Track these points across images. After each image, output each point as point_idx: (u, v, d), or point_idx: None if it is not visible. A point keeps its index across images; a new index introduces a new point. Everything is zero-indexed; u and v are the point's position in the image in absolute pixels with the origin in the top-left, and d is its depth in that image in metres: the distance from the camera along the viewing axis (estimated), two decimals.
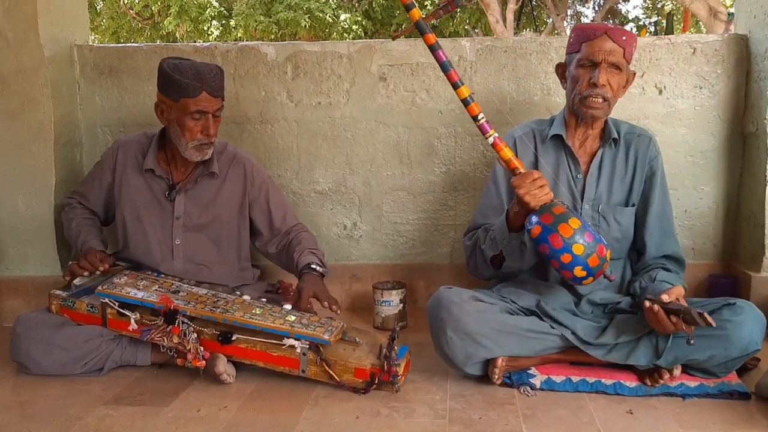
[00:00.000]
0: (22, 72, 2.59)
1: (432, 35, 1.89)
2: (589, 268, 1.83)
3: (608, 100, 2.03)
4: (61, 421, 1.82)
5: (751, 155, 2.61)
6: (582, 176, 2.13)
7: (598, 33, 2.01)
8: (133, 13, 15.23)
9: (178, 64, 2.16)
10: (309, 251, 2.32)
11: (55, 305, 2.17)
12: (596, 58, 2.00)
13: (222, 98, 2.22)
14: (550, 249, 1.83)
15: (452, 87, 1.92)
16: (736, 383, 1.92)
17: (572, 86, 2.08)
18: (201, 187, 2.32)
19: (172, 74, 2.13)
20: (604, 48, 2.00)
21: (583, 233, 1.81)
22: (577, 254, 1.81)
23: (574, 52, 2.07)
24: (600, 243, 1.84)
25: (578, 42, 2.06)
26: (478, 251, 2.12)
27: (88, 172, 2.54)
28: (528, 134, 2.20)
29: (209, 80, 2.14)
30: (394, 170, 2.81)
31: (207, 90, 2.14)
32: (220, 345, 2.03)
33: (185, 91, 2.12)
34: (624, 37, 2.02)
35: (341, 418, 1.82)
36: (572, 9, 17.21)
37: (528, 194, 1.86)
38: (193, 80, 2.12)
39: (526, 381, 1.97)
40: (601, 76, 1.99)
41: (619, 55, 2.01)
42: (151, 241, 2.32)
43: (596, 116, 2.05)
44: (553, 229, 1.81)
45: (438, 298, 2.00)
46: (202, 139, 2.20)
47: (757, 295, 2.50)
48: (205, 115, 2.17)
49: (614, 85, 2.03)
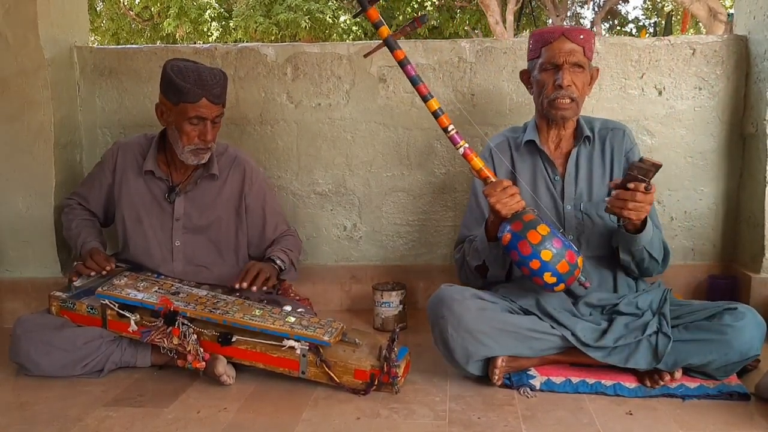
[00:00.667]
0: (22, 74, 2.60)
1: (401, 51, 1.93)
2: (559, 274, 1.84)
3: (575, 99, 2.06)
4: (61, 422, 1.82)
5: (750, 156, 2.61)
6: (560, 178, 2.14)
7: (556, 35, 2.05)
8: (133, 14, 15.25)
9: (182, 68, 2.15)
10: (281, 249, 2.36)
11: (55, 306, 2.17)
12: (557, 60, 2.03)
13: (223, 105, 2.21)
14: (519, 256, 1.85)
15: (422, 100, 1.95)
16: (735, 384, 1.92)
17: (539, 91, 2.11)
18: (201, 189, 2.32)
19: (174, 77, 2.12)
20: (564, 49, 2.03)
21: (552, 239, 1.83)
22: (545, 260, 1.82)
23: (535, 57, 2.11)
24: (569, 249, 1.85)
25: (537, 47, 2.09)
26: (467, 263, 2.14)
27: (88, 174, 2.54)
28: (503, 143, 2.23)
29: (211, 87, 2.13)
30: (393, 171, 2.81)
31: (207, 97, 2.13)
32: (220, 346, 2.03)
33: (185, 95, 2.12)
34: (582, 35, 2.04)
35: (341, 419, 1.82)
36: (572, 10, 17.22)
37: (499, 203, 1.89)
38: (194, 86, 2.11)
39: (526, 382, 1.97)
40: (565, 77, 2.02)
41: (580, 54, 2.04)
42: (151, 243, 2.32)
43: (566, 116, 2.08)
44: (522, 236, 1.84)
45: (439, 295, 2.01)
46: (199, 144, 2.20)
47: (757, 295, 2.50)
48: (204, 121, 2.16)
49: (579, 84, 2.06)
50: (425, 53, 2.71)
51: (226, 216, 2.36)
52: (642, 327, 1.95)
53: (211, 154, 2.27)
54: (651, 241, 1.96)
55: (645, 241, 1.94)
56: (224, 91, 2.20)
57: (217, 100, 2.17)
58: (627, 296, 2.07)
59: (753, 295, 2.51)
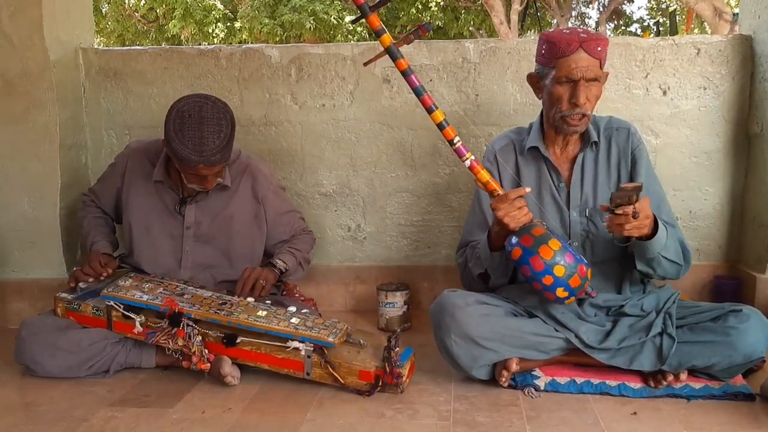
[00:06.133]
0: (27, 75, 2.61)
1: (404, 61, 1.87)
2: (570, 289, 1.83)
3: (588, 115, 1.99)
4: (67, 422, 1.82)
5: (755, 156, 2.60)
6: (565, 184, 2.10)
7: (573, 47, 1.92)
8: (138, 15, 15.28)
9: (185, 125, 2.04)
10: (288, 250, 2.37)
11: (60, 308, 2.18)
12: (574, 76, 1.93)
13: (225, 160, 2.14)
14: (531, 271, 1.82)
15: (426, 112, 1.90)
16: (740, 385, 1.92)
17: (551, 103, 2.02)
18: (212, 198, 2.31)
19: (174, 137, 2.04)
20: (581, 65, 1.92)
21: (564, 254, 1.81)
22: (558, 276, 1.80)
23: (548, 65, 1.99)
24: (581, 263, 1.84)
25: (552, 57, 1.96)
26: (468, 268, 2.13)
27: (103, 172, 2.51)
28: (507, 146, 2.18)
29: (209, 155, 2.05)
30: (398, 172, 2.81)
31: (205, 163, 2.06)
32: (224, 347, 2.04)
33: (182, 160, 2.06)
34: (599, 47, 1.94)
35: (345, 419, 1.82)
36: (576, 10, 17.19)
37: (507, 216, 1.86)
38: (191, 152, 2.03)
39: (530, 382, 1.97)
40: (581, 94, 1.94)
41: (597, 69, 1.95)
42: (159, 252, 2.32)
43: (578, 131, 2.03)
44: (534, 251, 1.81)
45: (441, 302, 2.00)
46: (201, 189, 2.22)
47: (762, 296, 2.49)
48: (204, 176, 2.15)
49: (593, 99, 1.98)
50: (429, 54, 2.71)
51: (238, 223, 2.34)
52: (646, 328, 1.94)
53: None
54: (666, 245, 1.89)
55: (659, 246, 1.88)
56: (227, 150, 2.10)
57: (216, 164, 2.10)
58: (632, 298, 2.07)
59: (758, 295, 2.50)
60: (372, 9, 1.83)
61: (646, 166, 2.10)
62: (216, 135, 2.06)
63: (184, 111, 2.07)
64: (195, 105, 2.08)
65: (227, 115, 2.11)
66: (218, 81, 2.79)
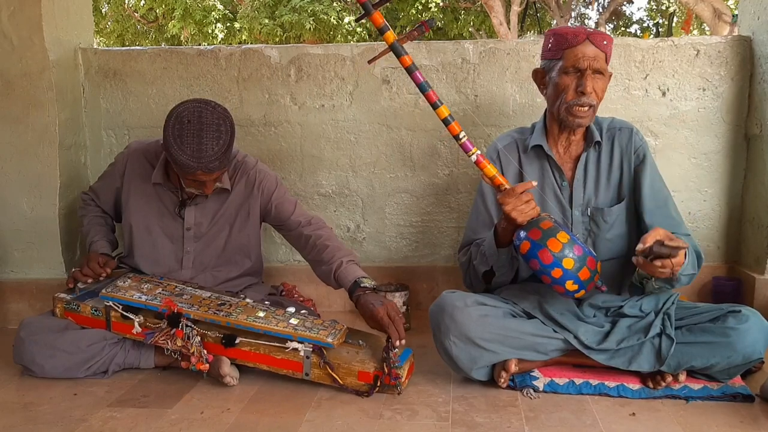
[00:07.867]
0: (26, 75, 2.61)
1: (408, 57, 1.87)
2: (580, 282, 1.82)
3: (594, 107, 2.01)
4: (65, 423, 1.82)
5: (754, 157, 2.60)
6: (568, 183, 2.11)
7: (580, 38, 1.97)
8: (138, 16, 15.28)
9: (184, 130, 2.02)
10: (347, 262, 2.19)
11: (59, 308, 2.17)
12: (581, 65, 1.97)
13: (224, 166, 2.11)
14: (540, 264, 1.82)
15: (432, 107, 1.90)
16: (740, 386, 1.92)
17: (556, 94, 2.04)
18: (212, 200, 2.30)
19: (172, 143, 2.02)
20: (588, 54, 1.96)
21: (573, 247, 1.81)
22: (567, 268, 1.80)
23: (555, 58, 2.02)
24: (590, 255, 1.84)
25: (559, 48, 2.00)
26: (472, 267, 2.12)
27: (103, 171, 2.49)
28: (510, 145, 2.18)
29: (208, 162, 2.02)
30: (397, 172, 2.81)
31: (203, 170, 2.04)
32: (223, 348, 2.04)
33: (180, 166, 2.05)
34: (605, 41, 1.99)
35: (344, 420, 1.82)
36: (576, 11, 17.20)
37: (515, 210, 1.86)
38: (190, 159, 2.01)
39: (529, 383, 1.97)
40: (588, 84, 1.97)
41: (602, 61, 1.99)
42: (160, 253, 2.31)
43: (582, 124, 2.04)
44: (542, 245, 1.81)
45: (441, 303, 2.00)
46: (199, 193, 2.21)
47: (761, 297, 2.49)
48: (202, 182, 2.13)
49: (599, 91, 2.01)
50: (428, 54, 2.71)
51: (237, 224, 2.34)
52: (645, 329, 1.94)
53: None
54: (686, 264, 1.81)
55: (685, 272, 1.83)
56: (226, 157, 2.08)
57: (215, 170, 2.08)
58: (632, 298, 2.07)
59: (757, 296, 2.50)
60: (375, 6, 1.84)
61: (650, 165, 2.11)
62: (215, 141, 2.03)
63: (183, 116, 2.04)
64: (195, 110, 2.05)
65: (227, 120, 2.09)
66: (218, 81, 2.80)
